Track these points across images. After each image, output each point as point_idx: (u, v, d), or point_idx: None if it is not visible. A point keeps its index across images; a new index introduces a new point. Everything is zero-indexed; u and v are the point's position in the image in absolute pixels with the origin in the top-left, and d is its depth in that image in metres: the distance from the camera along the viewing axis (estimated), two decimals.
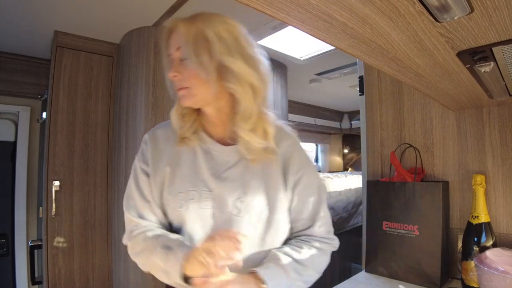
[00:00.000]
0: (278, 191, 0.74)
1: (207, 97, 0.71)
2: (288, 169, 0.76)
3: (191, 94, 0.70)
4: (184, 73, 0.69)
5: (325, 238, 0.78)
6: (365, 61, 0.54)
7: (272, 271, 0.67)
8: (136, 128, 1.71)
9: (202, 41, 0.67)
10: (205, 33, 0.67)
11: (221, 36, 0.68)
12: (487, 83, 0.65)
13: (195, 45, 0.67)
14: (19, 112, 2.17)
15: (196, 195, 0.72)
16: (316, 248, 0.75)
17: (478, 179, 0.86)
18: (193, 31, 0.67)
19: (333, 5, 0.34)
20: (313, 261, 0.74)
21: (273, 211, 0.73)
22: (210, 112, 0.75)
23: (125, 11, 1.55)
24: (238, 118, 0.71)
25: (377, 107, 1.22)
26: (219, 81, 0.69)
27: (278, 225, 0.75)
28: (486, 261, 0.73)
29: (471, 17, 0.37)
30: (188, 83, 0.69)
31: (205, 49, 0.67)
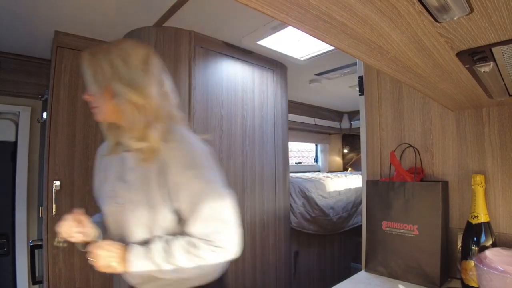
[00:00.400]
0: (155, 190, 0.83)
1: (110, 114, 0.89)
2: (167, 171, 0.83)
3: (98, 112, 0.90)
4: (91, 96, 0.89)
5: (205, 240, 0.80)
6: (365, 61, 0.54)
7: (140, 250, 0.80)
8: None
9: (91, 70, 0.86)
10: (95, 63, 0.86)
11: (114, 64, 0.85)
12: (487, 83, 0.65)
13: (88, 74, 0.87)
14: (19, 112, 2.17)
15: (112, 194, 0.90)
16: (191, 244, 0.80)
17: (478, 179, 0.86)
18: (86, 63, 0.87)
19: (333, 6, 0.34)
20: (181, 255, 0.79)
21: (152, 206, 0.83)
22: (121, 124, 0.90)
23: (125, 12, 1.56)
24: (124, 129, 0.88)
25: (377, 107, 1.22)
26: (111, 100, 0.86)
27: (157, 218, 0.84)
28: (486, 260, 0.73)
29: (470, 17, 0.37)
30: (96, 104, 0.89)
31: (95, 77, 0.86)
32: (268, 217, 2.12)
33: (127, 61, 0.86)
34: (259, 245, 2.04)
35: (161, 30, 1.73)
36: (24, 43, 1.89)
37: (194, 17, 1.63)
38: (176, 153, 0.83)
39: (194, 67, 1.78)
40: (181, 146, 0.85)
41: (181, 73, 1.75)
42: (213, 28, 1.76)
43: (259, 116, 2.12)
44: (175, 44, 1.75)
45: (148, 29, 1.73)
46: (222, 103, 1.90)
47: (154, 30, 1.73)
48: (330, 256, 2.91)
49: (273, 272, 2.13)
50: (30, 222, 2.19)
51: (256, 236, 2.02)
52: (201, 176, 0.83)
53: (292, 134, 3.45)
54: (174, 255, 0.78)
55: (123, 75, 0.85)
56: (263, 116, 2.16)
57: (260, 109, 2.14)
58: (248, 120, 2.04)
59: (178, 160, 0.82)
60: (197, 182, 0.82)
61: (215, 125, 1.84)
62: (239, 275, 1.90)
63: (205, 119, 1.80)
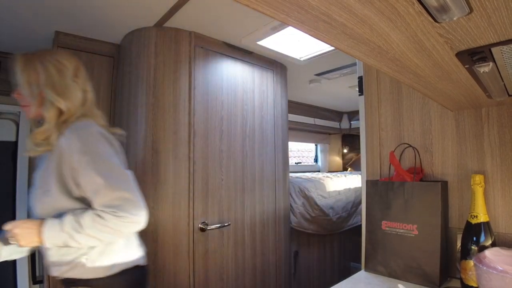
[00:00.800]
0: (52, 177, 0.94)
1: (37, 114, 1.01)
2: (62, 159, 0.94)
3: (27, 111, 1.03)
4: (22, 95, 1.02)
5: (109, 210, 0.89)
6: (364, 61, 0.55)
7: (52, 222, 0.90)
8: (137, 128, 1.71)
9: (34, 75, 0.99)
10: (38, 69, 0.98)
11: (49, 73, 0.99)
12: (486, 84, 0.66)
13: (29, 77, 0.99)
14: (20, 112, 2.17)
15: (32, 182, 1.03)
16: (96, 215, 0.89)
17: (477, 179, 0.87)
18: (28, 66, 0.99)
19: (333, 6, 0.34)
20: (87, 224, 0.88)
21: (47, 191, 0.94)
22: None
23: (125, 12, 1.56)
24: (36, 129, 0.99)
25: (376, 107, 1.22)
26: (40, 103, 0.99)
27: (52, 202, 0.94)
28: (485, 260, 0.73)
29: (470, 17, 0.37)
30: (25, 103, 1.03)
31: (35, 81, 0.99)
32: (268, 217, 2.12)
33: (61, 71, 1.00)
34: (259, 245, 2.04)
35: (161, 30, 1.73)
36: (24, 43, 1.89)
37: (194, 18, 1.63)
38: (71, 141, 0.93)
39: (194, 67, 1.78)
40: (77, 134, 0.95)
41: (181, 73, 1.75)
42: (213, 29, 1.76)
43: (259, 116, 2.12)
44: (175, 45, 1.75)
45: (148, 29, 1.73)
46: (222, 103, 1.90)
47: (154, 31, 1.73)
48: (330, 256, 2.91)
49: (273, 272, 2.13)
50: None
51: (256, 236, 2.02)
52: (96, 157, 0.94)
53: (292, 134, 3.46)
54: (82, 224, 0.88)
55: (56, 83, 0.99)
56: (263, 116, 2.16)
57: (260, 109, 2.14)
58: (248, 120, 2.05)
59: (73, 147, 0.93)
60: (90, 162, 0.92)
61: (215, 125, 1.84)
62: (239, 274, 1.90)
63: (205, 119, 1.80)
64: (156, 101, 1.70)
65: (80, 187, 0.93)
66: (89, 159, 0.92)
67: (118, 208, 0.89)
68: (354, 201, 3.04)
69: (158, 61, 1.72)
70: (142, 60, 1.73)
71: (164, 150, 1.67)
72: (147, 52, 1.72)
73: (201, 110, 1.79)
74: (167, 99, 1.71)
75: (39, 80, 0.98)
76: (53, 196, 0.94)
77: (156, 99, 1.70)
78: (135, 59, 1.75)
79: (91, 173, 0.90)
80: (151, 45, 1.72)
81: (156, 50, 1.72)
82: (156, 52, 1.72)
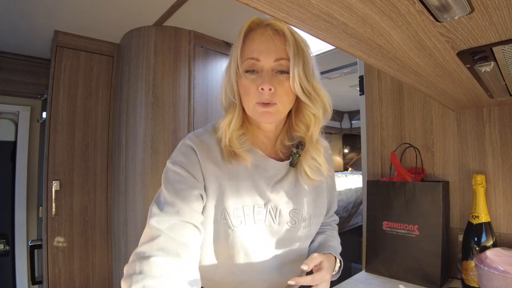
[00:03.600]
0: (323, 205, 0.81)
1: (284, 117, 0.71)
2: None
3: (277, 112, 0.65)
4: (278, 88, 0.64)
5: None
6: (365, 60, 0.54)
7: (336, 248, 0.82)
8: (136, 128, 1.71)
9: (302, 57, 0.64)
10: (303, 48, 0.64)
11: (309, 53, 0.67)
12: (487, 83, 0.65)
13: (299, 61, 0.63)
14: (19, 112, 2.17)
15: (250, 211, 0.70)
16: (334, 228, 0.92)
17: (479, 179, 0.86)
18: (295, 43, 0.63)
19: (334, 5, 0.34)
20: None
21: (318, 219, 0.79)
22: (269, 128, 0.72)
23: (125, 11, 1.55)
24: (309, 143, 0.71)
25: (377, 107, 1.21)
26: (308, 102, 0.67)
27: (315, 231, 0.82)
28: (486, 261, 0.73)
29: (471, 16, 0.36)
30: (278, 100, 0.64)
31: (304, 67, 0.64)
32: None
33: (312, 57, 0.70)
34: None
35: (161, 29, 1.73)
36: (24, 43, 1.89)
37: (193, 17, 1.63)
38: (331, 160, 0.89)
39: (194, 66, 1.78)
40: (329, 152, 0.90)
41: (180, 72, 1.75)
42: (213, 28, 1.76)
43: None
44: (175, 44, 1.75)
45: (147, 28, 1.73)
46: None
47: (153, 30, 1.72)
48: None
49: None
50: (29, 222, 2.19)
51: None
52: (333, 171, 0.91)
53: None
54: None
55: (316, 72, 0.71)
56: None
57: None
58: None
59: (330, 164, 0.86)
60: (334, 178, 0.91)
61: None
62: None
63: (205, 119, 1.80)
64: (155, 101, 1.70)
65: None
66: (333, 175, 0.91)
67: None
68: (355, 201, 3.03)
69: (157, 60, 1.71)
70: (141, 59, 1.73)
71: (163, 150, 1.67)
72: (146, 51, 1.72)
73: (201, 109, 1.79)
74: (166, 99, 1.71)
75: (310, 70, 0.67)
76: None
77: (155, 99, 1.70)
78: (134, 58, 1.75)
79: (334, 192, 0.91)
80: (151, 44, 1.72)
81: (155, 49, 1.72)
82: (156, 51, 1.72)
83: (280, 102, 0.65)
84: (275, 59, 0.63)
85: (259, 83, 0.63)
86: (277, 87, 0.64)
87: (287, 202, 0.72)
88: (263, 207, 0.70)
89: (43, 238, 1.74)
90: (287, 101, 0.66)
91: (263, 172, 0.72)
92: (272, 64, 0.64)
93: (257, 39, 0.65)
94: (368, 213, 1.08)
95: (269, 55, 0.63)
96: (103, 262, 1.90)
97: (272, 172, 0.73)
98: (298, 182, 0.74)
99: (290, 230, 0.73)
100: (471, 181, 0.90)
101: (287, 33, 0.63)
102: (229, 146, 0.68)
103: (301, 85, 0.64)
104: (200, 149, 0.69)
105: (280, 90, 0.64)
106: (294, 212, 0.72)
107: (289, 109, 0.69)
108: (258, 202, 0.70)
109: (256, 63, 0.64)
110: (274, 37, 0.63)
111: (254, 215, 0.70)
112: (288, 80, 0.63)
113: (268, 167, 0.72)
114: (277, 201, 0.71)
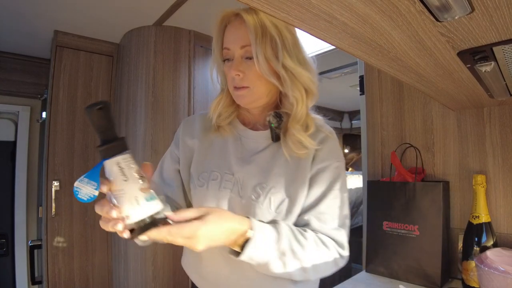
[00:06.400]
0: (302, 184, 0.70)
1: (263, 98, 0.72)
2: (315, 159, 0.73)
3: (250, 94, 0.70)
4: (247, 72, 0.68)
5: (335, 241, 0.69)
6: (366, 60, 0.54)
7: (266, 227, 0.61)
8: (136, 128, 1.70)
9: (269, 41, 0.66)
10: (271, 32, 0.66)
11: (284, 36, 0.67)
12: (488, 83, 0.65)
13: (264, 45, 0.65)
14: (19, 111, 2.17)
15: (219, 176, 0.73)
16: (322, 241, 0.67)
17: (479, 179, 0.86)
18: (259, 28, 0.65)
19: (334, 5, 0.34)
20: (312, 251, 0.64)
21: (293, 202, 0.69)
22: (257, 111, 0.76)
23: (125, 11, 1.55)
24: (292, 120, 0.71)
25: (378, 107, 1.21)
26: (278, 83, 0.69)
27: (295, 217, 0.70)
28: (487, 261, 0.73)
29: (471, 16, 0.36)
30: (250, 83, 0.69)
31: (272, 50, 0.66)
32: None
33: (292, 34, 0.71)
34: None
35: (161, 29, 1.73)
36: (24, 43, 1.89)
37: (193, 16, 1.62)
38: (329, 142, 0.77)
39: (194, 66, 1.78)
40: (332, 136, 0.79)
41: (180, 72, 1.75)
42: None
43: None
44: (174, 43, 1.75)
45: (147, 28, 1.73)
46: None
47: (153, 29, 1.72)
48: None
49: None
50: (29, 222, 2.19)
51: None
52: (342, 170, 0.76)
53: None
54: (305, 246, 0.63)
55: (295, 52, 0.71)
56: None
57: None
58: None
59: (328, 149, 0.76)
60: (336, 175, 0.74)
61: None
62: None
63: None
64: (155, 101, 1.70)
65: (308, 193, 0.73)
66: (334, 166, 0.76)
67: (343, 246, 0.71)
68: (355, 201, 3.03)
69: (157, 60, 1.71)
70: (141, 59, 1.72)
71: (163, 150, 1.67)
72: (146, 51, 1.72)
73: (201, 109, 1.79)
74: (166, 98, 1.71)
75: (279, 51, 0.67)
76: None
77: (155, 99, 1.70)
78: (134, 58, 1.75)
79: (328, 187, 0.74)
80: (151, 44, 1.72)
81: (155, 49, 1.72)
82: (156, 51, 1.71)
83: (252, 85, 0.69)
84: (241, 46, 0.68)
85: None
86: (247, 71, 0.68)
87: (254, 175, 0.71)
88: (232, 176, 0.72)
89: (43, 238, 1.74)
90: (260, 84, 0.69)
91: (243, 145, 0.76)
92: (239, 51, 0.68)
93: (228, 30, 0.70)
94: (368, 213, 1.08)
95: (236, 43, 0.68)
96: (103, 262, 1.90)
97: (253, 145, 0.75)
98: (275, 158, 0.72)
99: (253, 204, 0.69)
100: (471, 181, 0.90)
101: (248, 20, 0.65)
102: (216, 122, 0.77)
103: (269, 68, 0.67)
104: (183, 128, 0.82)
105: (250, 74, 0.68)
106: (260, 186, 0.69)
107: (268, 90, 0.71)
108: (226, 172, 0.73)
109: (228, 52, 0.70)
110: (241, 25, 0.67)
111: (221, 182, 0.72)
112: (260, 65, 0.66)
113: (249, 140, 0.76)
114: (244, 174, 0.71)
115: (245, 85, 0.69)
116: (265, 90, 0.70)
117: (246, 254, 0.57)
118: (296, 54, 0.70)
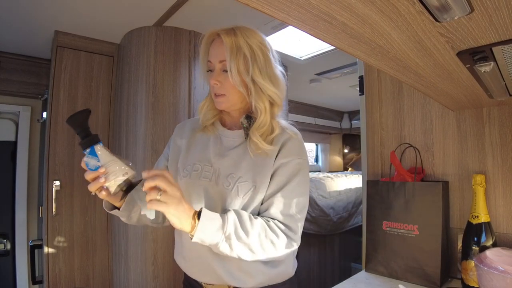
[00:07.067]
0: (266, 176, 0.82)
1: (237, 104, 0.86)
2: (278, 156, 0.84)
3: (226, 101, 0.85)
4: (224, 82, 0.83)
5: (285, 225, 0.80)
6: (365, 61, 0.54)
7: (212, 216, 0.73)
8: (136, 128, 1.71)
9: (242, 58, 0.80)
10: (244, 51, 0.80)
11: (257, 55, 0.81)
12: (487, 83, 0.65)
13: (237, 61, 0.79)
14: (19, 112, 2.17)
15: (199, 168, 0.87)
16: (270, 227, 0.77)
17: (478, 179, 0.86)
18: (234, 47, 0.79)
19: (333, 5, 0.34)
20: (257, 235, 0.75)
21: (257, 191, 0.81)
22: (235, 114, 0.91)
23: (125, 11, 1.55)
24: (254, 127, 0.84)
25: (377, 107, 1.22)
26: (246, 94, 0.83)
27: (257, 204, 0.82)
28: (486, 260, 0.73)
29: (471, 17, 0.37)
30: (226, 92, 0.83)
31: (245, 66, 0.80)
32: None
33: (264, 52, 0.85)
34: None
35: (161, 29, 1.73)
36: (24, 43, 1.89)
37: (194, 17, 1.63)
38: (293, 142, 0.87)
39: (194, 66, 1.78)
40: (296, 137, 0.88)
41: (181, 72, 1.75)
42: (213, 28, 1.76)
43: None
44: (175, 44, 1.75)
45: (148, 28, 1.73)
46: None
47: (154, 30, 1.73)
48: (330, 256, 2.91)
49: None
50: (30, 222, 2.19)
51: None
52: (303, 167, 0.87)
53: None
54: (249, 231, 0.74)
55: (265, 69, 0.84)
56: None
57: None
58: None
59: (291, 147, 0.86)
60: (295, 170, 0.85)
61: None
62: None
63: None
64: (155, 101, 1.70)
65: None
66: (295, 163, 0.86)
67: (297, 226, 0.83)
68: (354, 201, 3.03)
69: (158, 60, 1.72)
70: (141, 60, 1.73)
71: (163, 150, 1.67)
72: (146, 52, 1.72)
73: None
74: (166, 99, 1.71)
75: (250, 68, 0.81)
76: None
77: (155, 99, 1.70)
78: (134, 58, 1.75)
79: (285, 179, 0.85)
80: (151, 45, 1.72)
81: (156, 50, 1.72)
82: (156, 52, 1.72)
83: (228, 93, 0.83)
84: (219, 60, 0.82)
85: None
86: (223, 82, 0.83)
87: (228, 167, 0.84)
88: (211, 168, 0.85)
89: (43, 238, 1.74)
90: (234, 92, 0.83)
91: (222, 142, 0.89)
92: (218, 65, 0.83)
93: (212, 46, 0.85)
94: (368, 213, 1.08)
95: (216, 58, 0.83)
96: (103, 262, 1.90)
97: (229, 142, 0.89)
98: (246, 153, 0.85)
99: (226, 191, 0.81)
100: (470, 181, 0.90)
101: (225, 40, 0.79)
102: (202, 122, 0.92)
103: (241, 80, 0.81)
104: (176, 131, 0.99)
105: (226, 84, 0.83)
106: (231, 176, 0.82)
107: (241, 98, 0.85)
108: (206, 163, 0.87)
109: (210, 64, 0.85)
110: (221, 44, 0.82)
111: (202, 173, 0.85)
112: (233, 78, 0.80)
113: (226, 138, 0.90)
114: (220, 165, 0.85)
115: (222, 93, 0.84)
116: (239, 98, 0.85)
117: (196, 236, 0.70)
118: (266, 71, 0.83)
